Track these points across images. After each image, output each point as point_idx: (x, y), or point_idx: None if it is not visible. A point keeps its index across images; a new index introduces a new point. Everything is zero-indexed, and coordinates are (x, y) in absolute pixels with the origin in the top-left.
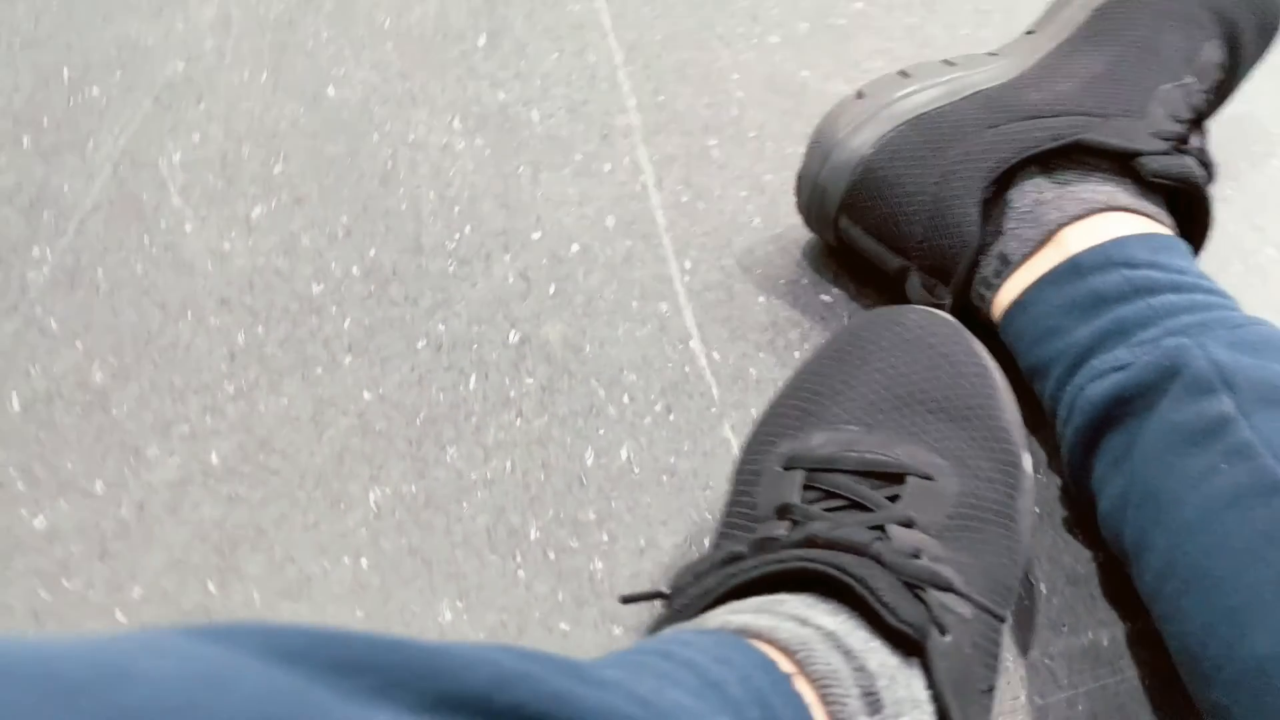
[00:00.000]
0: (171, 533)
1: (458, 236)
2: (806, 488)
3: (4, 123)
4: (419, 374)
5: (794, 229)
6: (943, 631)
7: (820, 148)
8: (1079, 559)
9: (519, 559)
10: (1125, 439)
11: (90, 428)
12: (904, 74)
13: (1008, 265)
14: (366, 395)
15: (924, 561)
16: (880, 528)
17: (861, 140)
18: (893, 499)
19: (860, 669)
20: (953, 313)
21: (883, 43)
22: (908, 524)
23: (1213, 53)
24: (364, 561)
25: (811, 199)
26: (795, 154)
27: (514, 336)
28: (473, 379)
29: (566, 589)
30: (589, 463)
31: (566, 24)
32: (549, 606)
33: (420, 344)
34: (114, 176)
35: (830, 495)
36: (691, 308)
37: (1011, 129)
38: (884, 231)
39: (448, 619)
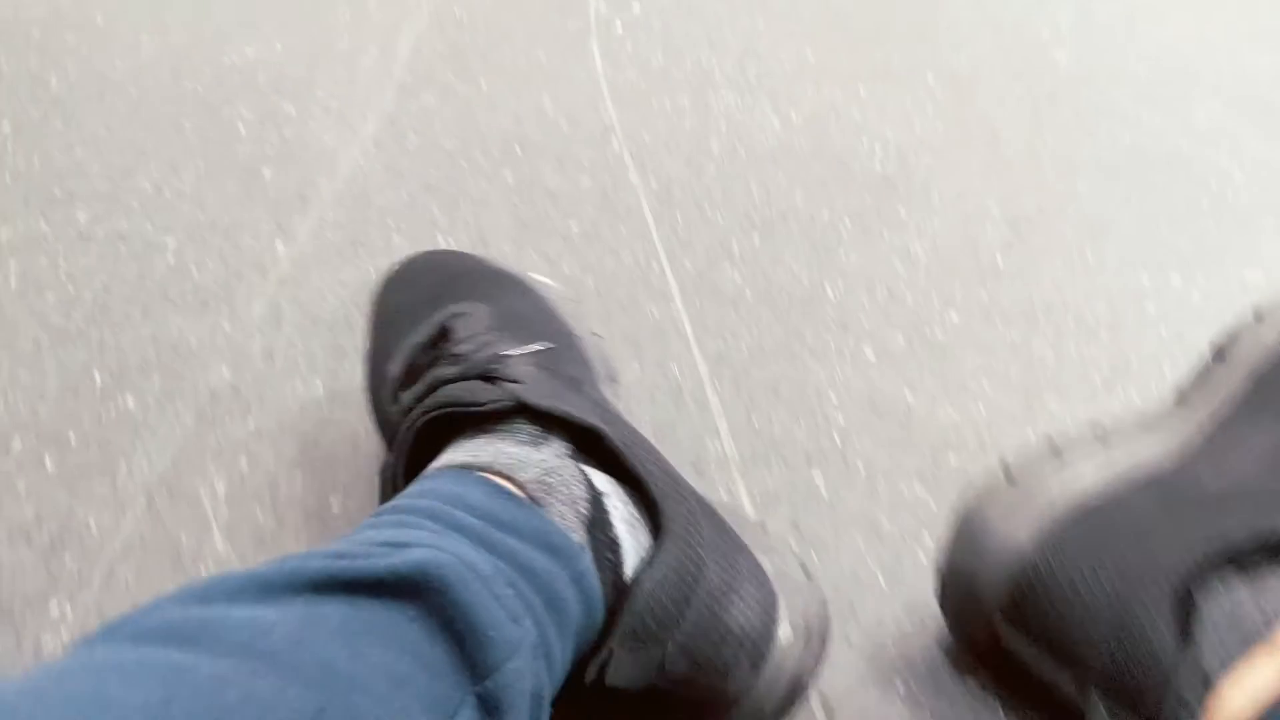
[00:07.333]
0: None
1: None
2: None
3: (26, 438)
4: None
5: (926, 594)
6: (518, 383)
7: (969, 541)
8: None
9: None
10: None
11: None
12: (1055, 452)
13: (1209, 685)
14: None
15: (485, 351)
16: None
17: (1020, 536)
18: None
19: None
20: None
21: (986, 360)
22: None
23: None
24: None
25: (961, 599)
26: (912, 495)
27: None
28: None
29: None
30: None
31: (646, 330)
32: None
33: None
34: (148, 510)
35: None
36: (816, 695)
37: (1196, 524)
38: (1056, 647)
39: None
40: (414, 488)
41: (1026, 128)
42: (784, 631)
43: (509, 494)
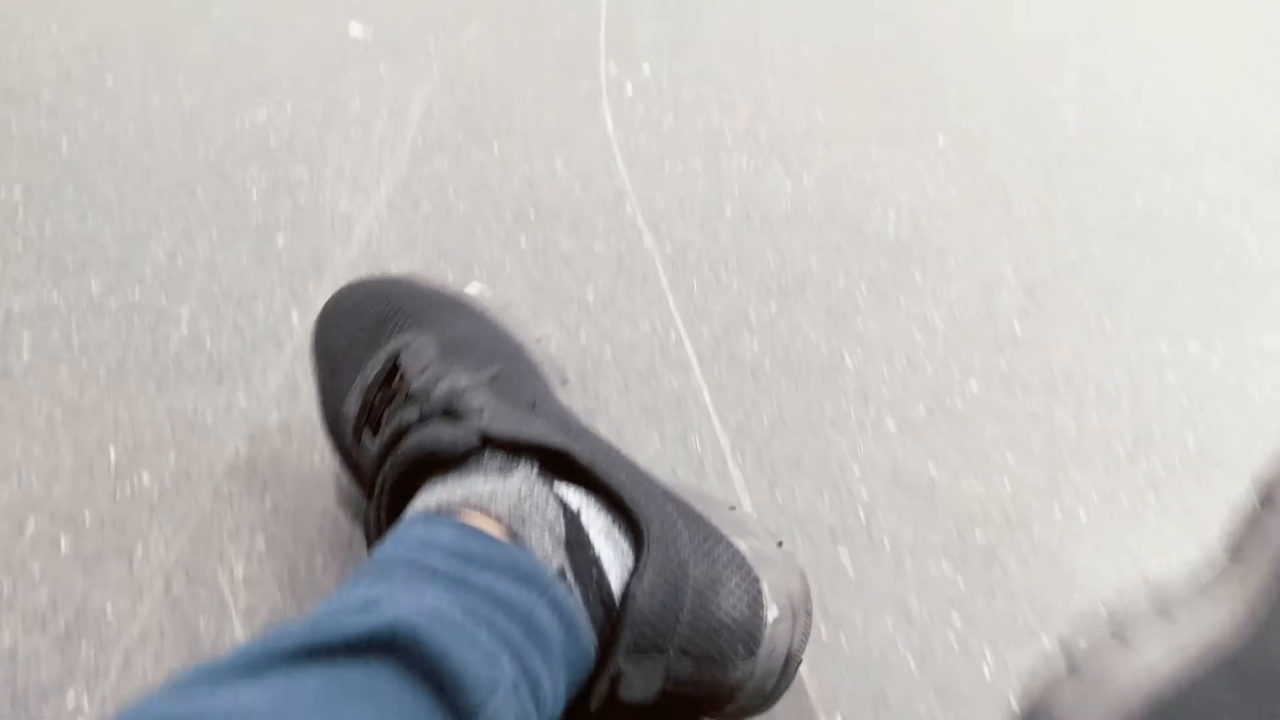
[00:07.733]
0: None
1: None
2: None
3: (40, 518)
4: None
5: (961, 680)
6: (480, 416)
7: None
8: None
9: None
10: None
11: None
12: (1117, 633)
13: None
14: None
15: (440, 386)
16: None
17: None
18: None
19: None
20: None
21: (1008, 430)
22: (417, 373)
23: None
24: None
25: None
26: (940, 573)
27: None
28: None
29: None
30: None
31: (665, 401)
32: None
33: None
34: (166, 595)
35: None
36: None
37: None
38: None
39: None
40: (390, 535)
41: (1038, 189)
42: (771, 613)
43: (479, 532)
